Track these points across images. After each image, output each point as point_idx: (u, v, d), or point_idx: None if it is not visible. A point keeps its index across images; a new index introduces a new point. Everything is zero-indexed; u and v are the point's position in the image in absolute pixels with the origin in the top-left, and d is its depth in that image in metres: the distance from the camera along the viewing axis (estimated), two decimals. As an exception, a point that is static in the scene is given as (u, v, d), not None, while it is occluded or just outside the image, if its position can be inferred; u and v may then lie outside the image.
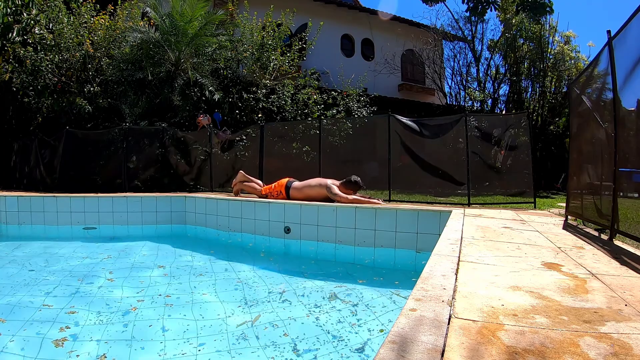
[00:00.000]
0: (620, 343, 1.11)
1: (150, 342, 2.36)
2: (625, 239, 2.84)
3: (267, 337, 2.42)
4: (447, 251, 2.28)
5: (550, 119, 12.63)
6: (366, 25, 15.15)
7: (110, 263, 4.25)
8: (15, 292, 3.19)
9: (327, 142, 6.84)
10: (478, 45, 13.31)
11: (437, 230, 3.80)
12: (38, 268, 3.99)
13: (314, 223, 4.72)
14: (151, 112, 8.21)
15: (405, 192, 6.11)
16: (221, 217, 5.56)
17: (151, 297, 3.14)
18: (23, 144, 8.50)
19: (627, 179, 2.96)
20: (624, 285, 1.72)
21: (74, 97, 8.05)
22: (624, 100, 2.84)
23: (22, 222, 5.89)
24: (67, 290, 3.26)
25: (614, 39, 2.92)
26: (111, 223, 5.90)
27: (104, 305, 2.92)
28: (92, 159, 7.47)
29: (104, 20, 8.64)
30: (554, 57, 12.53)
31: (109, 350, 2.24)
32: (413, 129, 6.13)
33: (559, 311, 1.37)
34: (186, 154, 7.67)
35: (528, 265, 2.05)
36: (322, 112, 9.05)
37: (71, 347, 2.26)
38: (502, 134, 6.30)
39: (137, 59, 8.27)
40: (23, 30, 8.62)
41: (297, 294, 3.25)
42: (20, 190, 7.75)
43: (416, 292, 1.49)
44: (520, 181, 5.87)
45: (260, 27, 9.50)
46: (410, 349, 1.02)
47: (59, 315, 2.71)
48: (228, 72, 9.24)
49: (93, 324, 2.60)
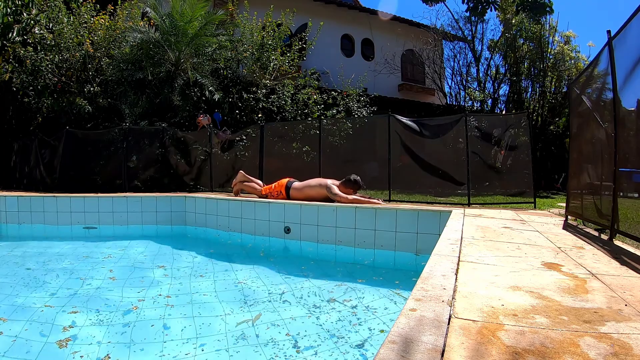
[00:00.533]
0: (620, 343, 1.11)
1: (152, 342, 2.36)
2: (625, 239, 2.84)
3: (267, 337, 2.42)
4: (447, 251, 2.28)
5: (550, 119, 12.63)
6: (366, 25, 15.15)
7: (111, 263, 4.25)
8: (17, 292, 3.19)
9: (327, 142, 6.84)
10: (478, 45, 13.34)
11: (437, 230, 3.81)
12: (39, 268, 3.99)
13: (314, 223, 4.73)
14: (151, 112, 8.21)
15: (405, 192, 6.11)
16: (221, 217, 5.56)
17: (152, 297, 3.14)
18: (23, 144, 8.50)
19: (627, 179, 2.96)
20: (624, 285, 1.72)
21: (74, 97, 8.06)
22: (624, 100, 2.84)
23: (22, 222, 5.89)
24: (68, 291, 3.26)
25: (614, 39, 2.92)
26: (111, 223, 5.90)
27: (105, 306, 2.92)
28: (92, 159, 7.47)
29: (104, 20, 8.64)
30: (554, 57, 12.53)
31: (112, 350, 2.25)
32: (413, 129, 6.14)
33: (559, 311, 1.37)
34: (186, 154, 7.68)
35: (528, 265, 2.05)
36: (322, 112, 9.05)
37: (75, 348, 2.26)
38: (502, 134, 6.30)
39: (137, 59, 8.27)
40: (23, 30, 8.62)
41: (296, 294, 3.25)
42: (20, 190, 7.75)
43: (416, 292, 1.49)
44: (520, 181, 5.87)
45: (260, 27, 9.50)
46: (411, 349, 1.02)
47: (62, 316, 2.71)
48: (228, 72, 9.25)
49: (96, 324, 2.61)
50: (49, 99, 8.08)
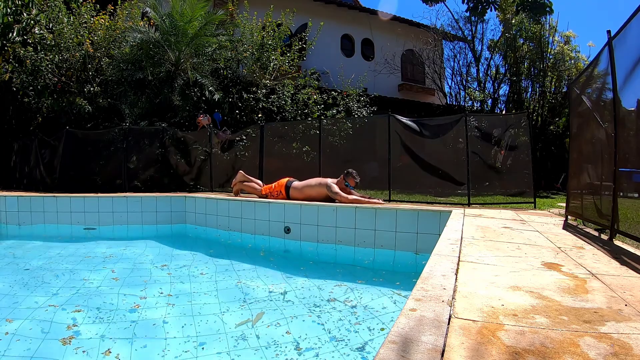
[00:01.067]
0: (620, 343, 1.11)
1: (153, 341, 2.37)
2: (625, 239, 2.85)
3: (267, 337, 2.42)
4: (447, 251, 2.28)
5: (550, 119, 12.63)
6: (366, 25, 15.14)
7: (111, 263, 4.25)
8: (15, 292, 3.19)
9: (327, 142, 6.84)
10: (478, 45, 13.33)
11: (437, 230, 3.81)
12: (41, 268, 3.99)
13: (314, 223, 4.73)
14: (151, 112, 8.21)
15: (405, 192, 6.11)
16: (221, 217, 5.56)
17: (153, 297, 3.14)
18: (23, 144, 8.50)
19: (627, 179, 2.96)
20: (624, 285, 1.72)
21: (74, 97, 8.06)
22: (624, 100, 2.84)
23: (22, 222, 5.89)
24: (71, 290, 3.27)
25: (614, 39, 2.92)
26: (111, 223, 5.90)
27: (105, 304, 2.93)
28: (92, 159, 7.47)
29: (104, 20, 8.64)
30: (554, 57, 12.53)
31: (113, 345, 2.27)
32: (413, 129, 6.14)
33: (559, 311, 1.37)
34: (186, 154, 7.68)
35: (528, 265, 2.05)
36: (322, 112, 9.05)
37: (77, 344, 2.28)
38: (502, 134, 6.30)
39: (137, 59, 8.27)
40: (23, 30, 8.62)
41: (297, 294, 3.25)
42: (20, 190, 7.75)
43: (416, 292, 1.49)
44: (520, 181, 5.87)
45: (260, 27, 9.50)
46: (411, 349, 1.02)
47: (64, 315, 2.72)
48: (228, 72, 9.24)
49: (98, 322, 2.62)
50: (49, 99, 8.08)
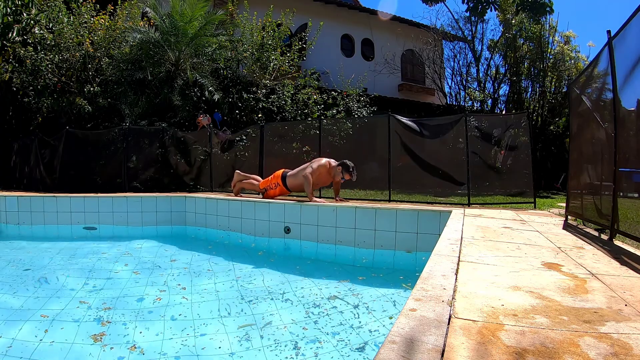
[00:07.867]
0: (620, 343, 1.11)
1: (154, 340, 2.37)
2: (625, 239, 2.84)
3: (267, 337, 2.42)
4: (447, 251, 2.28)
5: (550, 119, 12.63)
6: (366, 25, 15.14)
7: (111, 263, 4.25)
8: (14, 291, 3.19)
9: (327, 142, 6.84)
10: (478, 45, 13.33)
11: (437, 230, 3.81)
12: (59, 267, 4.00)
13: (314, 223, 4.73)
14: (151, 112, 8.21)
15: (405, 192, 6.11)
16: (221, 217, 5.56)
17: (153, 296, 3.14)
18: (23, 144, 8.49)
19: (627, 179, 2.96)
20: (624, 285, 1.72)
21: (74, 97, 8.06)
22: (624, 100, 2.84)
23: (22, 222, 5.89)
24: (95, 288, 3.32)
25: (614, 39, 2.92)
26: (111, 223, 5.90)
27: (104, 303, 2.93)
28: (92, 159, 7.47)
29: (104, 20, 8.64)
30: (554, 57, 12.53)
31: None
32: (413, 129, 6.13)
33: (559, 311, 1.37)
34: (186, 154, 7.67)
35: (528, 265, 2.05)
36: (322, 112, 9.05)
37: (107, 340, 2.35)
38: (502, 134, 6.30)
39: (137, 59, 8.27)
40: (23, 30, 8.62)
41: (297, 293, 3.25)
42: (20, 190, 7.75)
43: (416, 292, 1.49)
44: (520, 181, 5.87)
45: (260, 27, 9.50)
46: (411, 349, 1.02)
47: (94, 313, 2.78)
48: (228, 72, 9.24)
49: (124, 320, 2.67)
50: (49, 99, 8.08)
